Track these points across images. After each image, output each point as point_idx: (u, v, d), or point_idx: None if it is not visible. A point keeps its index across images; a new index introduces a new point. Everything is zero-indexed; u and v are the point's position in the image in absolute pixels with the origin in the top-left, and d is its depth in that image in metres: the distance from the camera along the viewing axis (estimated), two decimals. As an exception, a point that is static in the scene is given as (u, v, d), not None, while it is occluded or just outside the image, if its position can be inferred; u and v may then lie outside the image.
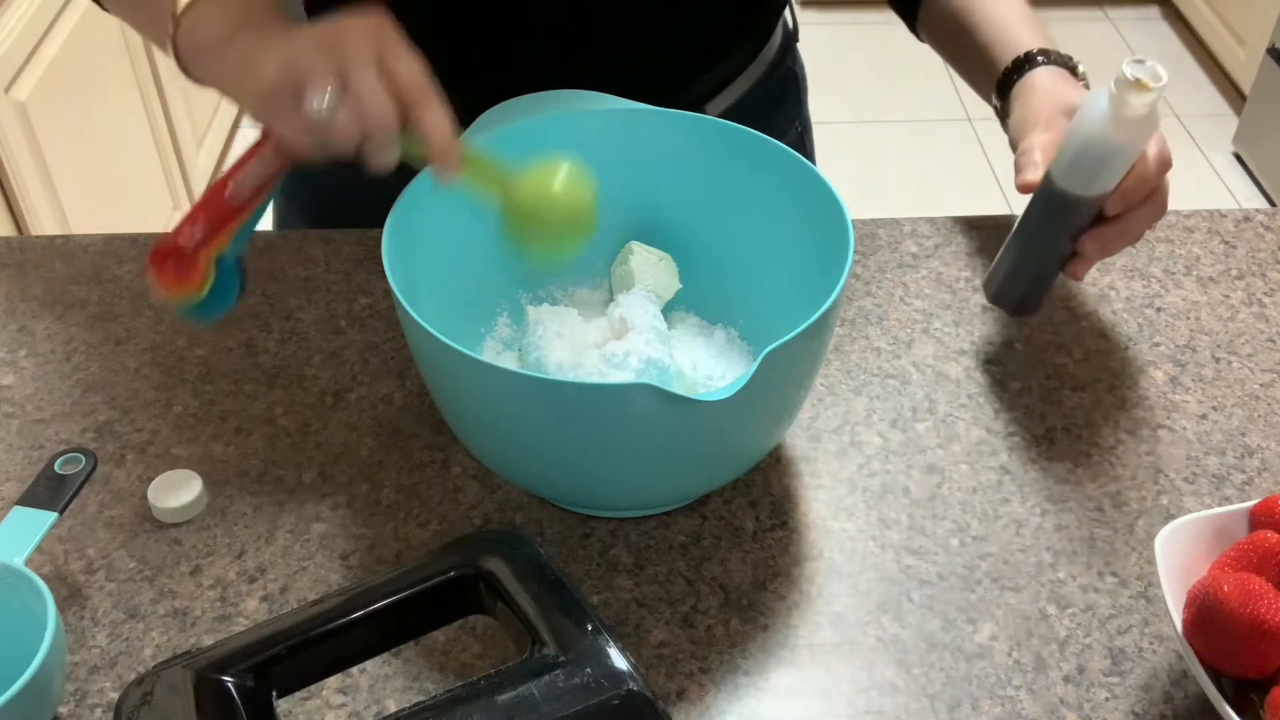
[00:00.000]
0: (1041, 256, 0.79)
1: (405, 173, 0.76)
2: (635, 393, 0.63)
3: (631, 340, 0.75)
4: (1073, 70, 0.84)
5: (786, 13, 1.01)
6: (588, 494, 0.73)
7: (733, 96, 0.97)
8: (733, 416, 0.65)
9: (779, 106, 1.02)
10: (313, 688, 0.65)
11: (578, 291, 0.85)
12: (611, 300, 0.82)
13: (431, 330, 0.64)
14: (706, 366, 0.81)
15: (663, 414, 0.63)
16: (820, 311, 0.65)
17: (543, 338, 0.77)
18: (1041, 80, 0.82)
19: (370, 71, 0.63)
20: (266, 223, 1.12)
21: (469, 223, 0.79)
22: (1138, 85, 0.68)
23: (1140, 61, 0.69)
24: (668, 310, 0.82)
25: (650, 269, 0.81)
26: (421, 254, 0.74)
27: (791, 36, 1.03)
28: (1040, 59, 0.84)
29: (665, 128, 0.80)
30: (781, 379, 0.67)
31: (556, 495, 0.74)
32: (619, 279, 0.82)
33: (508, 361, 0.80)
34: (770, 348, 0.62)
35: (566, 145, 0.80)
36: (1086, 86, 0.84)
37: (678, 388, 0.74)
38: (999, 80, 0.85)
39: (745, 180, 0.79)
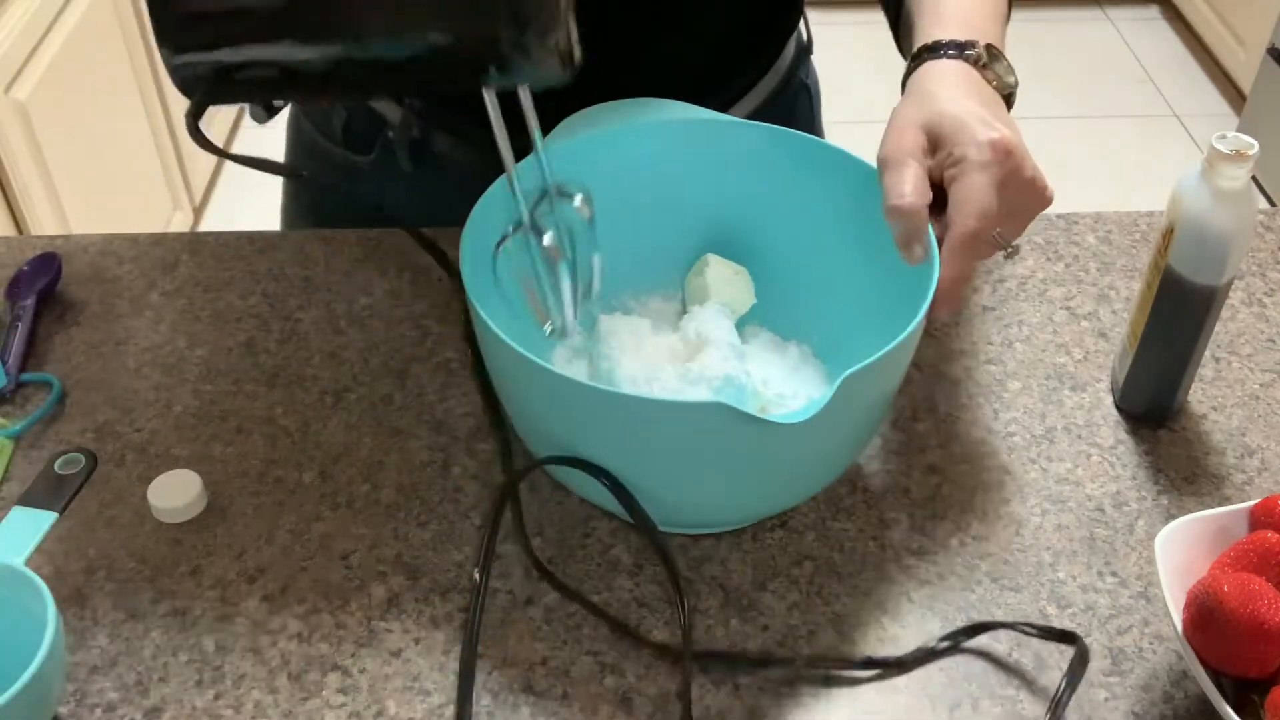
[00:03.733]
0: (1183, 353, 0.78)
1: (415, 178, 0.76)
2: (711, 412, 0.61)
3: (709, 356, 0.73)
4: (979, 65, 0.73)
5: (801, 26, 1.01)
6: (654, 510, 0.69)
7: (744, 110, 0.97)
8: (808, 439, 0.63)
9: (791, 120, 1.02)
10: (311, 687, 0.65)
11: (650, 301, 0.84)
12: (685, 312, 0.80)
13: (505, 338, 0.63)
14: (778, 385, 0.78)
15: (737, 434, 0.62)
16: (904, 335, 0.64)
17: (615, 348, 0.75)
18: (928, 74, 0.73)
19: None
20: (274, 222, 1.12)
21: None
22: (1237, 157, 0.68)
23: (1223, 136, 0.69)
24: (740, 325, 0.80)
25: (726, 283, 0.79)
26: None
27: (805, 50, 1.03)
28: (947, 52, 0.73)
29: (741, 137, 0.78)
30: (859, 402, 0.65)
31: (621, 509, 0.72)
32: (693, 291, 0.81)
33: (579, 369, 0.79)
34: (849, 371, 0.61)
35: (642, 155, 0.78)
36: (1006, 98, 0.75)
37: (750, 407, 0.71)
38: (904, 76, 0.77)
39: (821, 192, 0.77)
